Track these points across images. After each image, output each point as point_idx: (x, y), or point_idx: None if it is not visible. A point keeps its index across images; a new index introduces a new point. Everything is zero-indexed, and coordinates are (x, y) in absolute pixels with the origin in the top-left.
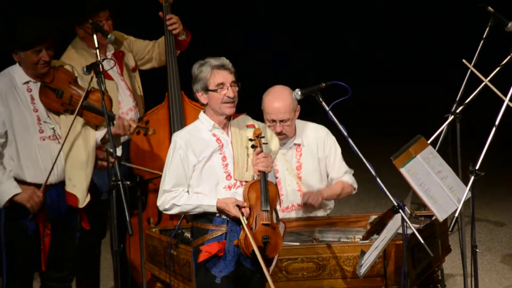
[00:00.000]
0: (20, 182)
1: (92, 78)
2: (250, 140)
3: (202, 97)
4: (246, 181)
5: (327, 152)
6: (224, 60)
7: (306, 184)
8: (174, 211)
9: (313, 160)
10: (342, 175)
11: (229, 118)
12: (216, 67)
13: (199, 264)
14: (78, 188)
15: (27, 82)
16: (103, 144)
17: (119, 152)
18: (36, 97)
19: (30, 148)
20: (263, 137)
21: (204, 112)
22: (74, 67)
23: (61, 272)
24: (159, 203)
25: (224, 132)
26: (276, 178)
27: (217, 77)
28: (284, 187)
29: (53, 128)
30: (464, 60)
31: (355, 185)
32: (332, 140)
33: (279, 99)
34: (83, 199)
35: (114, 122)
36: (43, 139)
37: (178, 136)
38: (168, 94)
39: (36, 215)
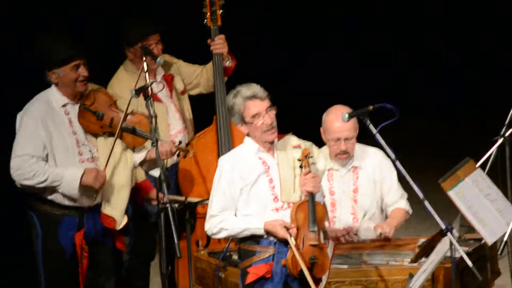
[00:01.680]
0: (59, 205)
1: (131, 99)
2: (298, 160)
3: (242, 127)
4: (293, 203)
5: (383, 176)
6: (255, 88)
7: (360, 208)
8: (222, 235)
9: (369, 184)
10: (398, 200)
11: (273, 141)
12: (248, 98)
13: (247, 286)
14: (117, 210)
15: (64, 105)
16: (142, 167)
17: (156, 173)
18: (74, 119)
19: None
20: (311, 157)
21: (248, 136)
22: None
23: None
24: (206, 227)
25: (269, 155)
26: (332, 199)
27: (251, 109)
28: (338, 209)
29: (90, 151)
30: None
31: (410, 211)
32: (388, 163)
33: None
34: (120, 221)
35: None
36: (82, 162)
37: (224, 160)
38: (216, 117)
39: (80, 224)
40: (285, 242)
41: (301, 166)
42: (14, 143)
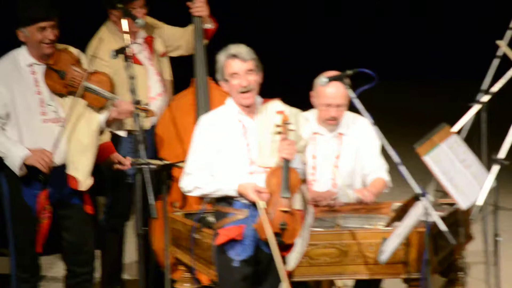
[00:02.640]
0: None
1: (131, 58)
2: (278, 126)
3: (223, 85)
4: (269, 168)
5: (367, 145)
6: (241, 48)
7: (340, 174)
8: (195, 193)
9: (352, 151)
10: (377, 169)
11: (249, 105)
12: (230, 56)
13: (218, 247)
14: (80, 171)
15: (31, 65)
16: (108, 127)
17: (124, 133)
18: (40, 79)
19: (32, 130)
20: (291, 123)
21: (230, 97)
22: (79, 52)
23: (81, 256)
24: (182, 185)
25: (249, 118)
26: (313, 163)
27: (229, 67)
28: (319, 172)
29: (56, 111)
30: (498, 41)
31: (390, 184)
32: (373, 134)
33: (335, 84)
34: (84, 183)
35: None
36: (45, 122)
37: (204, 120)
38: (194, 80)
39: (48, 180)
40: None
41: (279, 132)
42: None
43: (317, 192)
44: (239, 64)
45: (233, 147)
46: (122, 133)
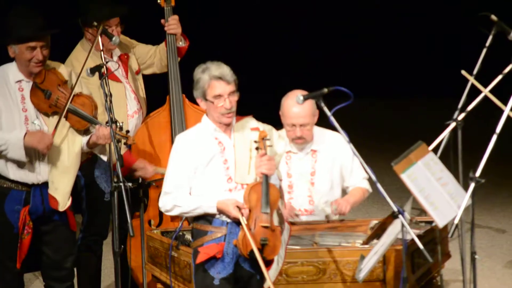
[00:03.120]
0: (4, 178)
1: (76, 82)
2: (255, 142)
3: (201, 103)
4: (247, 184)
5: (344, 159)
6: (224, 69)
7: (317, 191)
8: (175, 212)
9: (327, 168)
10: (360, 182)
11: (229, 123)
12: (215, 78)
13: (197, 266)
14: (60, 191)
15: (19, 81)
16: (91, 150)
17: (105, 158)
18: (26, 97)
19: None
20: (268, 139)
21: (206, 115)
22: (73, 70)
23: (60, 272)
24: (161, 204)
25: (226, 135)
26: (289, 181)
27: (215, 89)
28: (295, 191)
29: (40, 129)
30: (463, 72)
31: (370, 190)
32: (348, 148)
33: (300, 104)
34: (64, 203)
35: (94, 128)
36: None
37: (181, 138)
38: (169, 97)
39: (26, 201)
40: (237, 223)
41: (257, 148)
42: None
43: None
44: (224, 86)
45: (211, 164)
46: (103, 158)
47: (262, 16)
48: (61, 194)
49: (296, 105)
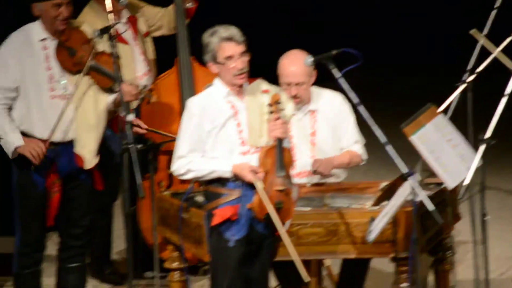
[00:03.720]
0: (30, 136)
1: (115, 38)
2: (268, 105)
3: (212, 67)
4: (260, 147)
5: (341, 119)
6: (233, 31)
7: (319, 150)
8: (188, 176)
9: (327, 127)
10: (352, 144)
11: (242, 85)
12: (224, 39)
13: (212, 228)
14: (85, 149)
15: (44, 39)
16: (116, 109)
17: (131, 117)
18: (51, 55)
19: (40, 106)
20: (281, 103)
21: (218, 78)
22: (94, 30)
23: (77, 229)
24: (173, 168)
25: (238, 99)
26: (290, 143)
27: (225, 50)
28: (297, 153)
29: (65, 88)
30: (473, 31)
31: (364, 156)
32: (346, 107)
33: (295, 63)
34: (90, 161)
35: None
36: (53, 98)
37: (193, 103)
38: (177, 60)
39: (40, 168)
40: (251, 186)
41: (270, 112)
42: None
43: None
44: (234, 47)
45: (225, 128)
46: (130, 117)
47: None
48: (87, 152)
49: (292, 64)
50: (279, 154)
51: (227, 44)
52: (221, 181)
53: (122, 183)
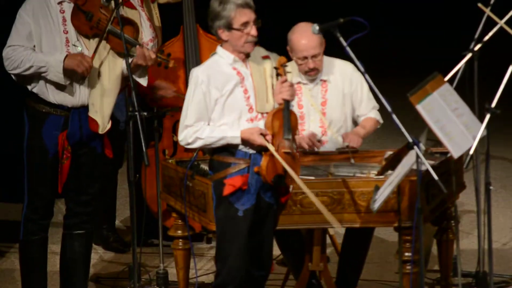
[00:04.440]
0: (42, 101)
1: (122, 4)
2: (275, 68)
3: (223, 34)
4: (267, 113)
5: (354, 88)
6: None
7: (329, 119)
8: (197, 144)
9: (338, 97)
10: (370, 111)
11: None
12: (241, 6)
13: (221, 198)
14: (100, 114)
15: (61, 2)
16: (132, 74)
17: (144, 82)
18: (68, 19)
19: None
20: (287, 65)
21: (221, 46)
22: None
23: (84, 196)
24: (180, 137)
25: (244, 65)
26: (300, 112)
27: (243, 16)
28: (307, 122)
29: (81, 51)
30: (479, 4)
31: (381, 121)
32: (358, 76)
33: (307, 35)
34: (104, 126)
35: (135, 51)
36: None
37: (199, 71)
38: (183, 27)
39: (65, 124)
40: (260, 153)
41: (278, 75)
42: (10, 34)
43: (300, 137)
44: (250, 13)
45: (232, 95)
46: (143, 82)
47: None
48: (101, 117)
49: (304, 37)
50: (287, 117)
51: (243, 11)
52: (229, 150)
53: (127, 151)
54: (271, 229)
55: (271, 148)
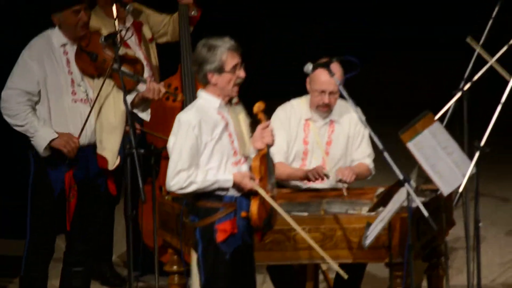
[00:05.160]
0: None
1: (121, 44)
2: (256, 114)
3: (213, 78)
4: (247, 157)
5: (357, 132)
6: (233, 41)
7: (331, 159)
8: (191, 188)
9: (343, 138)
10: (365, 158)
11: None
12: (231, 49)
13: (210, 243)
14: (108, 150)
15: (64, 45)
16: (134, 108)
17: (147, 117)
18: (72, 60)
19: (61, 110)
20: (264, 110)
21: (204, 90)
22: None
23: (86, 234)
24: (172, 182)
25: (226, 110)
26: (305, 148)
27: (233, 59)
28: (309, 158)
29: (85, 92)
30: (469, 39)
31: (373, 171)
32: (363, 120)
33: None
34: (113, 162)
35: (144, 85)
36: (75, 102)
37: (191, 116)
38: (180, 66)
39: (71, 164)
40: (245, 197)
41: (259, 120)
42: (10, 76)
43: (307, 169)
44: (238, 56)
45: (220, 140)
46: (145, 116)
47: None
48: (110, 153)
49: (326, 72)
50: (270, 161)
51: (233, 53)
52: (217, 195)
53: (124, 187)
54: (253, 267)
55: (263, 192)
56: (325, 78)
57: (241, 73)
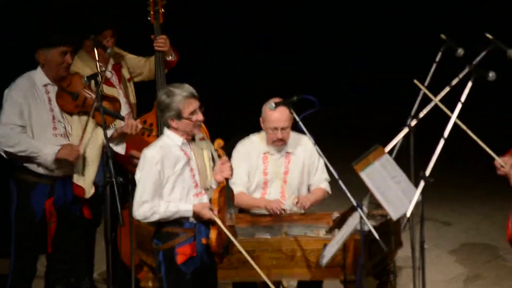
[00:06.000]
0: (31, 172)
1: (102, 83)
2: (216, 150)
3: (173, 122)
4: (207, 189)
5: (312, 160)
6: (190, 88)
7: (289, 187)
8: (154, 218)
9: (299, 168)
10: (322, 182)
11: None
12: (188, 97)
13: (172, 264)
14: (85, 181)
15: (46, 85)
16: (112, 143)
17: (122, 150)
18: (53, 99)
19: (44, 143)
20: (223, 147)
21: (169, 129)
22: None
23: (66, 255)
24: (138, 213)
25: (188, 147)
26: (265, 179)
27: (190, 106)
28: (269, 187)
29: (64, 127)
30: (415, 81)
31: (330, 192)
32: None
33: (280, 110)
34: (89, 191)
35: (123, 121)
36: (56, 136)
37: (155, 152)
38: (156, 103)
39: (51, 192)
40: (204, 224)
41: (218, 156)
42: (1, 114)
43: (271, 202)
44: (195, 102)
45: (181, 174)
46: (120, 150)
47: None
48: (86, 183)
49: (277, 111)
50: (229, 193)
51: (190, 101)
52: (178, 221)
53: (104, 212)
54: (215, 285)
55: (220, 223)
56: (276, 116)
57: (199, 117)
